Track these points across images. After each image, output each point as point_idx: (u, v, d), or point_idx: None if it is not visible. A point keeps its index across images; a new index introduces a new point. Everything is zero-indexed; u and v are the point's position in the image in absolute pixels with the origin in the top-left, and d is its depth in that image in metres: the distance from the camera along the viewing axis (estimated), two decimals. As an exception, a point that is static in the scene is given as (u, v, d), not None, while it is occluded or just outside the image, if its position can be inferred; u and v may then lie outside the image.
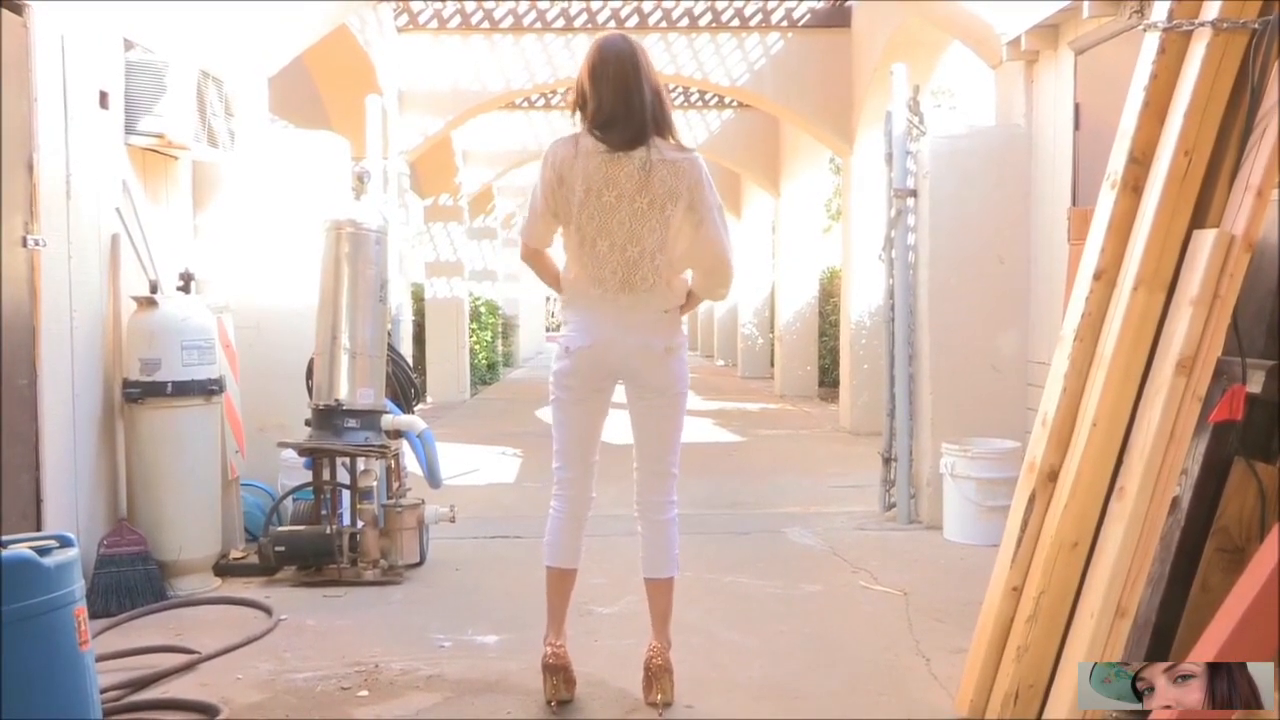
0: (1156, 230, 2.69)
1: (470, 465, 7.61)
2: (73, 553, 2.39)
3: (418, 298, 12.53)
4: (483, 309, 15.08)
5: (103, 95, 4.22)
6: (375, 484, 4.58)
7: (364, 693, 3.24)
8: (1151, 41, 2.80)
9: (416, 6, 9.73)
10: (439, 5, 9.77)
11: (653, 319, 3.11)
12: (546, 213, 3.11)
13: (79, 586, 2.38)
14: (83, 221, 4.07)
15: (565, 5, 9.67)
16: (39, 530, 3.68)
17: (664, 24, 9.75)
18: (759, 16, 9.77)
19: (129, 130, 4.39)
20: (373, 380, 4.59)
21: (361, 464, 4.55)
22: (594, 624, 3.92)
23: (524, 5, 9.69)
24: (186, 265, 4.67)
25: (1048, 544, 2.80)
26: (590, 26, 9.72)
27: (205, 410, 4.41)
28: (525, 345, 20.98)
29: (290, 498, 4.85)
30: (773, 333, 14.28)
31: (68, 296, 3.98)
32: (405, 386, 5.16)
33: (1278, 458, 2.69)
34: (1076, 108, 5.17)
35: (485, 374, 14.96)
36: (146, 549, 4.17)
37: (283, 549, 4.49)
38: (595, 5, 9.71)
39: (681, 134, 3.18)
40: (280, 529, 4.62)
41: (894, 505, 5.75)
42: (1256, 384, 2.68)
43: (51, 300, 3.86)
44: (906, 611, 4.06)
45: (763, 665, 3.49)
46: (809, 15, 9.84)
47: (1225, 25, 2.62)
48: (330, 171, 5.52)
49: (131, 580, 4.09)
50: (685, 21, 9.75)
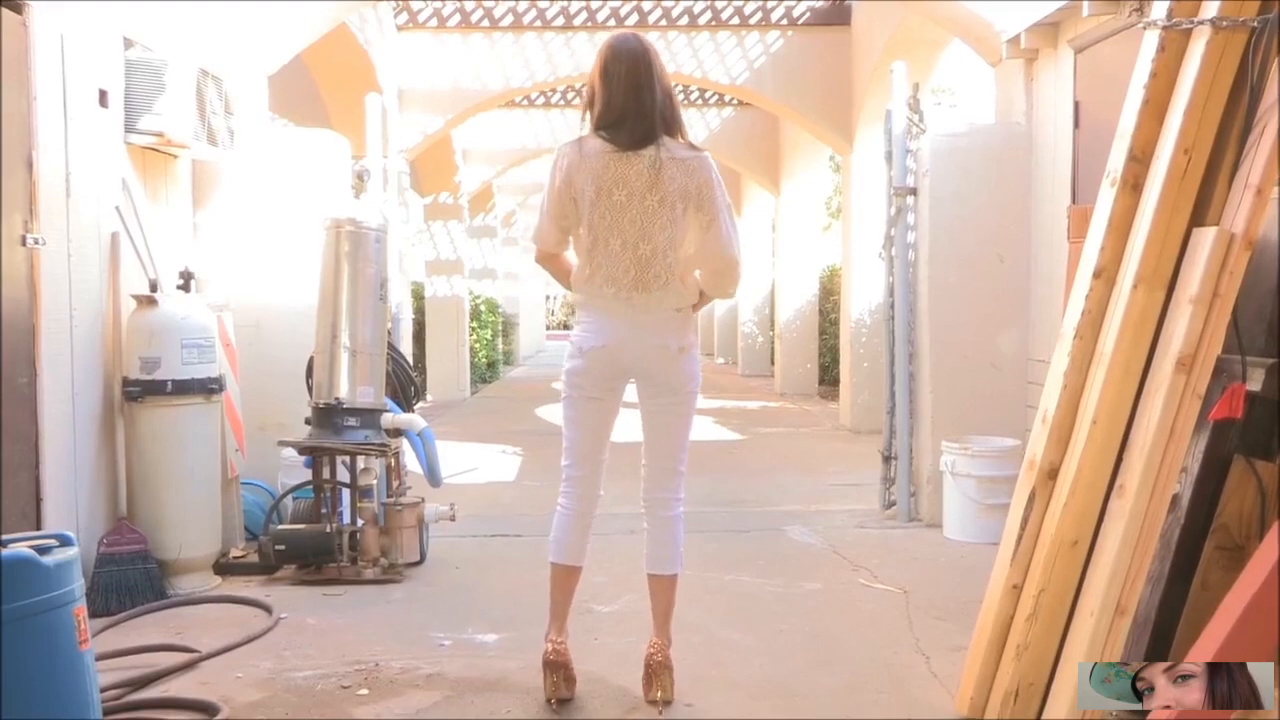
0: (1156, 228, 2.69)
1: (470, 464, 7.61)
2: (72, 551, 2.39)
3: (418, 296, 12.52)
4: (483, 307, 15.07)
5: (102, 94, 4.22)
6: (375, 482, 4.58)
7: (364, 691, 3.24)
8: (1151, 39, 2.80)
9: (416, 5, 9.72)
10: (439, 4, 9.76)
11: (666, 318, 3.12)
12: (557, 216, 3.12)
13: (79, 585, 2.38)
14: (82, 220, 4.07)
15: (565, 4, 9.66)
16: (39, 529, 3.68)
17: (664, 22, 9.74)
18: (759, 15, 9.76)
19: (128, 129, 4.39)
20: (373, 379, 4.59)
21: (361, 462, 4.55)
22: (594, 622, 3.92)
23: (524, 4, 9.68)
24: (186, 264, 4.68)
25: (1048, 542, 2.81)
26: (590, 25, 9.71)
27: (205, 409, 4.41)
28: (525, 343, 20.98)
29: (290, 496, 4.85)
30: (773, 331, 14.28)
31: (67, 295, 3.98)
32: (405, 385, 5.16)
33: (1278, 455, 2.69)
34: (1076, 106, 5.17)
35: (485, 372, 14.96)
36: (146, 548, 4.17)
37: (283, 547, 4.49)
38: (595, 4, 9.70)
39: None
40: (280, 527, 4.62)
41: (894, 503, 5.75)
42: (1256, 382, 2.68)
43: (51, 299, 3.86)
44: (906, 609, 4.06)
45: (762, 663, 3.49)
46: (809, 13, 9.83)
47: (1224, 23, 2.62)
48: (330, 170, 5.52)
49: (131, 579, 4.09)
50: (685, 20, 9.75)
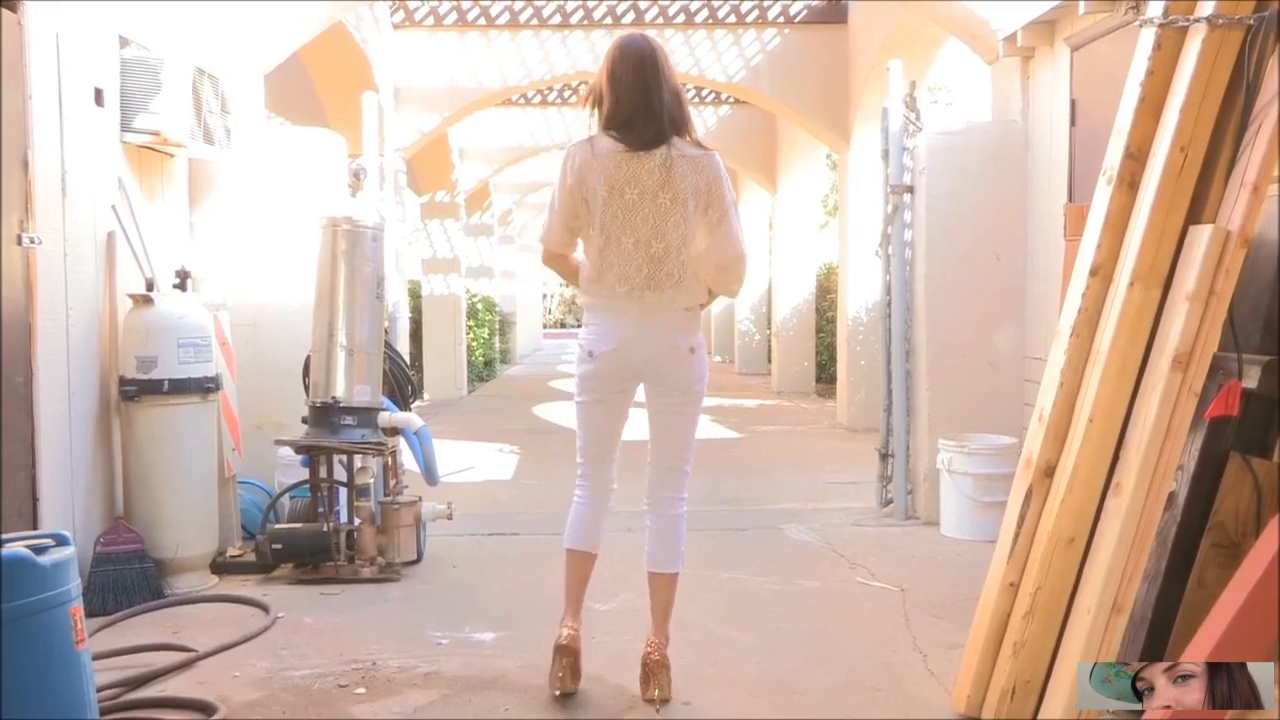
0: (1152, 226, 2.70)
1: (467, 462, 7.60)
2: (69, 551, 2.39)
3: (415, 295, 12.51)
4: (480, 306, 15.06)
5: (98, 92, 4.22)
6: (372, 481, 4.58)
7: (361, 690, 3.24)
8: (1147, 37, 2.80)
9: (413, 4, 9.71)
10: (435, 3, 9.76)
11: (675, 317, 3.14)
12: (567, 216, 3.13)
13: (75, 585, 2.38)
14: (78, 219, 4.07)
15: (561, 3, 9.64)
16: (35, 528, 3.67)
17: (660, 20, 9.73)
18: (755, 13, 9.76)
19: (124, 128, 4.38)
20: (370, 377, 4.59)
21: (359, 461, 4.55)
22: (591, 620, 3.90)
23: (520, 3, 9.66)
24: (183, 263, 4.67)
25: (1044, 540, 2.81)
26: (587, 23, 9.71)
27: (202, 408, 4.40)
28: (522, 342, 20.96)
29: (287, 495, 4.85)
30: (770, 329, 14.28)
31: (63, 294, 3.97)
32: (402, 383, 5.16)
33: (1274, 453, 2.69)
34: (1073, 104, 5.17)
35: (482, 371, 14.95)
36: (143, 547, 4.16)
37: (280, 547, 4.49)
38: (591, 3, 9.69)
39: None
40: (277, 526, 4.62)
41: (891, 501, 5.75)
42: (1252, 379, 2.69)
43: (47, 298, 3.85)
44: (903, 607, 4.06)
45: (760, 661, 3.49)
46: (805, 12, 9.83)
47: (1221, 21, 2.63)
48: (327, 169, 5.52)
49: (128, 578, 4.08)
50: (682, 18, 9.74)
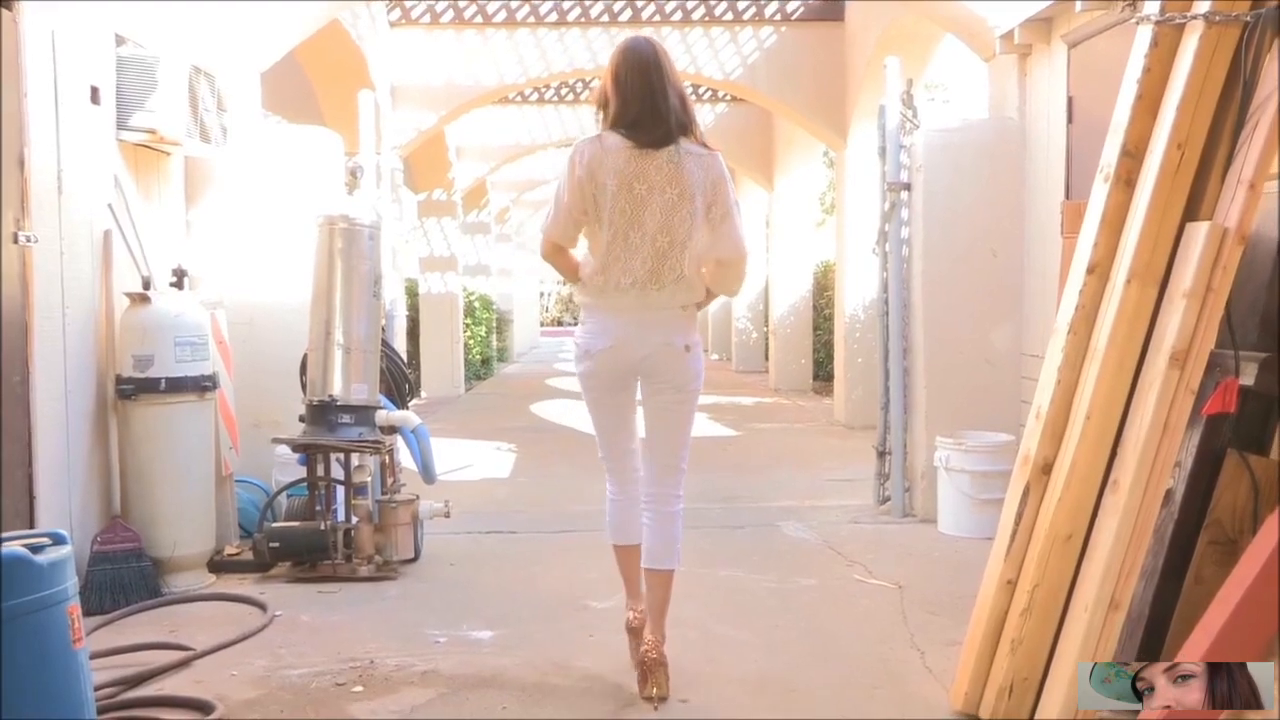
0: (1149, 223, 2.70)
1: (465, 460, 7.60)
2: (66, 550, 2.38)
3: (411, 293, 12.49)
4: (477, 304, 15.05)
5: (94, 91, 4.21)
6: (369, 479, 4.57)
7: (359, 688, 3.24)
8: (1144, 35, 2.80)
9: (409, 2, 9.68)
10: (432, 1, 9.74)
11: (672, 315, 3.18)
12: (574, 210, 3.15)
13: (72, 584, 2.37)
14: (74, 218, 4.06)
15: (558, 1, 9.63)
16: (32, 527, 3.67)
17: (657, 18, 9.71)
18: (752, 10, 9.74)
19: (121, 126, 4.37)
20: (367, 376, 4.59)
21: (356, 459, 4.55)
22: (589, 619, 3.92)
23: (517, 0, 9.65)
24: (179, 261, 4.66)
25: (1042, 537, 2.81)
26: (584, 20, 9.69)
27: (199, 406, 4.39)
28: (520, 340, 20.95)
29: (284, 494, 4.85)
30: (767, 326, 14.27)
31: (60, 293, 3.97)
32: (399, 382, 5.16)
33: (1271, 450, 2.70)
34: (1070, 101, 5.17)
35: (480, 369, 14.94)
36: (140, 546, 4.16)
37: (277, 545, 4.49)
38: (588, 1, 9.67)
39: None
40: (274, 525, 4.62)
41: (888, 499, 5.75)
42: (1249, 376, 2.69)
43: (43, 297, 3.84)
44: (901, 605, 4.06)
45: (758, 659, 3.49)
46: (802, 9, 9.81)
47: (1217, 18, 2.62)
48: (323, 167, 5.51)
49: (125, 577, 4.08)
50: (679, 16, 9.72)
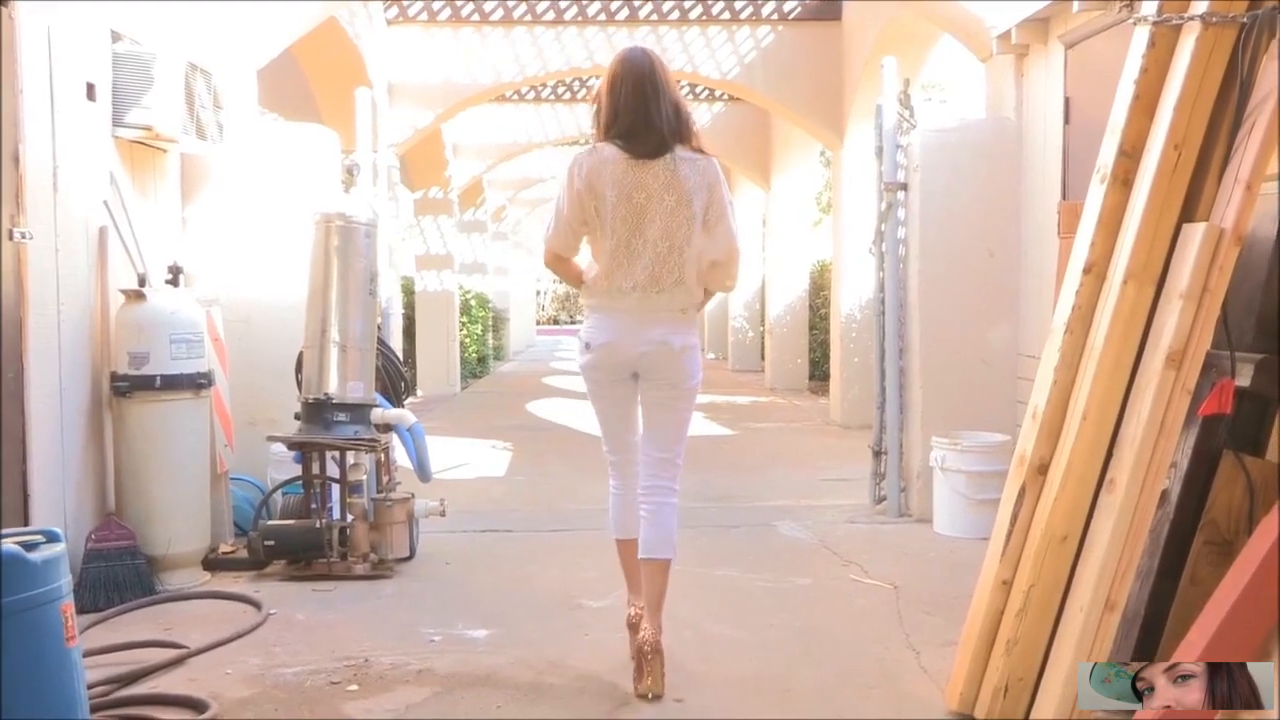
0: (1146, 224, 2.70)
1: (460, 459, 7.59)
2: (60, 548, 2.38)
3: (408, 291, 12.48)
4: (473, 302, 15.03)
5: (90, 87, 4.19)
6: (365, 478, 4.57)
7: (354, 687, 3.24)
8: (1141, 35, 2.80)
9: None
10: (428, -2, 9.73)
11: (670, 318, 3.26)
12: (575, 221, 3.23)
13: (66, 582, 2.37)
14: (70, 214, 4.05)
15: (554, -1, 9.64)
16: (26, 525, 3.65)
17: (654, 17, 9.71)
18: (749, 10, 9.74)
19: (116, 122, 4.36)
20: (362, 374, 4.58)
21: (351, 458, 4.54)
22: (584, 618, 3.92)
23: (514, -2, 9.65)
24: (175, 258, 4.65)
25: (1037, 537, 2.81)
26: (580, 19, 9.69)
27: (194, 404, 4.39)
28: (516, 338, 20.94)
29: (279, 492, 4.83)
30: (763, 326, 14.28)
31: (55, 290, 3.96)
32: (395, 380, 5.15)
33: (1266, 451, 2.70)
34: (1067, 102, 5.18)
35: (476, 367, 14.93)
36: (135, 543, 4.15)
37: (272, 543, 4.48)
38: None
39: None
40: (269, 523, 4.61)
41: (884, 498, 5.75)
42: (1245, 377, 2.69)
43: (38, 293, 3.84)
44: (897, 605, 4.07)
45: (753, 659, 3.49)
46: (799, 8, 9.81)
47: (1214, 19, 2.63)
48: (320, 164, 5.50)
49: (120, 575, 4.07)
50: (676, 15, 9.72)
